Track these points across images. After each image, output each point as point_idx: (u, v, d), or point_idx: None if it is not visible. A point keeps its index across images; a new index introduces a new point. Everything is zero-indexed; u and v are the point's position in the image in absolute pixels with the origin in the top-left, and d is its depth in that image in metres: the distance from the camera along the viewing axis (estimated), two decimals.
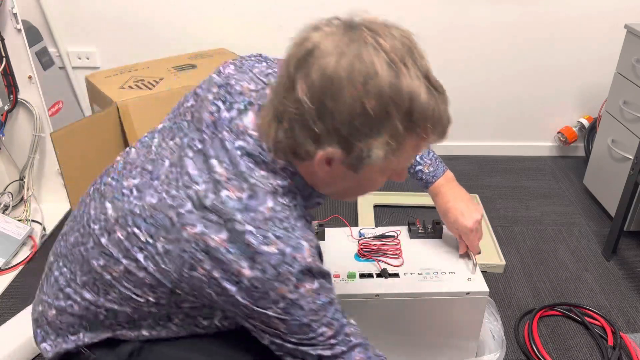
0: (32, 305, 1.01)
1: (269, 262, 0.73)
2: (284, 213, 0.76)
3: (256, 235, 0.73)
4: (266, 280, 0.73)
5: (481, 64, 2.38)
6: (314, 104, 0.70)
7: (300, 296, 0.75)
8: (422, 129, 0.73)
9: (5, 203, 1.98)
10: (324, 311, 0.78)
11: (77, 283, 0.88)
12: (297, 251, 0.74)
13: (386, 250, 1.15)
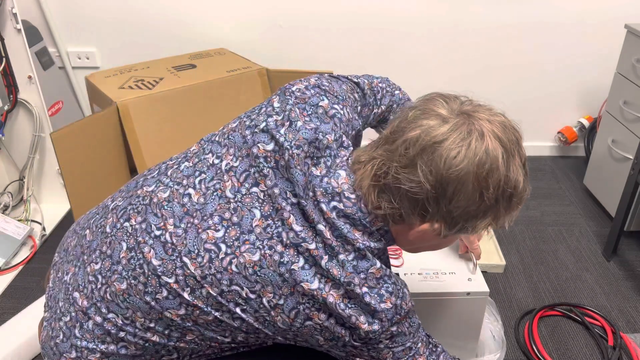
0: (47, 349, 0.90)
1: (387, 316, 0.79)
2: (389, 270, 0.81)
3: (372, 295, 0.78)
4: (382, 331, 0.79)
5: (481, 64, 2.38)
6: (435, 188, 0.74)
7: (403, 326, 0.82)
8: (514, 209, 0.80)
9: (5, 203, 1.98)
10: (418, 331, 0.85)
11: (138, 328, 0.84)
12: (404, 299, 0.81)
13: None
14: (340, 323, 0.78)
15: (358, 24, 2.28)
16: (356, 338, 0.79)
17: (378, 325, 0.78)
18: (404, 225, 0.79)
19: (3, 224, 1.83)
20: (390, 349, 0.82)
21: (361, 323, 0.78)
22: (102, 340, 0.85)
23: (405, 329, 0.82)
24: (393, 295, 0.79)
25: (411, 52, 2.35)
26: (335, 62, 2.33)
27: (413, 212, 0.77)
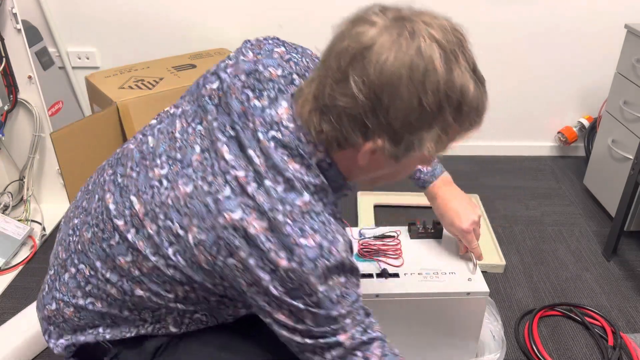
0: (37, 303, 0.98)
1: (307, 255, 0.73)
2: (319, 207, 0.77)
3: (295, 229, 0.73)
4: (302, 272, 0.73)
5: (481, 64, 2.36)
6: (369, 99, 0.69)
7: (331, 289, 0.75)
8: (468, 121, 0.76)
9: (5, 203, 1.98)
10: (350, 304, 0.78)
11: (100, 279, 0.86)
12: (334, 244, 0.75)
13: (386, 250, 1.15)
14: (260, 265, 0.74)
15: None
16: (276, 284, 0.74)
17: (297, 264, 0.72)
18: (350, 150, 0.75)
19: (3, 224, 1.83)
20: (311, 311, 0.76)
21: (280, 259, 0.73)
22: (73, 294, 0.89)
23: (332, 292, 0.75)
24: (318, 233, 0.74)
25: None
26: None
27: (354, 131, 0.72)
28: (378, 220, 2.03)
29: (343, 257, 0.75)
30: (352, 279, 0.79)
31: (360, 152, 0.74)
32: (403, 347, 1.12)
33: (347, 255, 0.77)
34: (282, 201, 0.74)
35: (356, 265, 0.80)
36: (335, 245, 0.75)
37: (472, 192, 2.23)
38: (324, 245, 0.74)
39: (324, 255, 0.74)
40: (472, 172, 2.44)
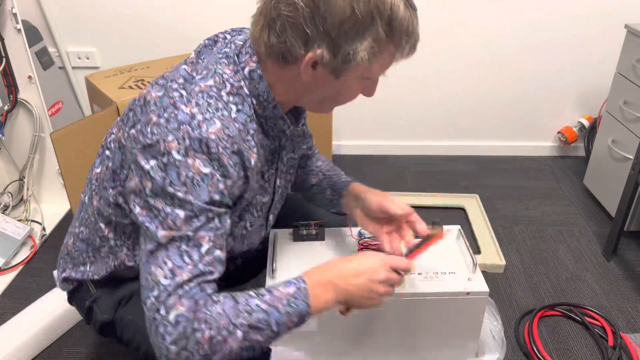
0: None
1: (177, 117, 0.77)
2: (218, 94, 0.82)
3: (181, 96, 0.80)
4: (165, 128, 0.77)
5: (481, 64, 2.38)
6: (308, 6, 0.76)
7: (186, 164, 0.76)
8: (399, 38, 0.81)
9: (5, 203, 1.98)
10: (194, 197, 0.77)
11: (84, 203, 0.98)
12: (207, 123, 0.78)
13: (386, 250, 1.15)
14: (139, 128, 0.80)
15: None
16: (139, 138, 0.79)
17: (164, 120, 0.77)
18: (295, 66, 0.81)
19: (3, 224, 1.83)
20: (154, 177, 0.77)
21: (153, 115, 0.79)
22: (74, 224, 1.03)
23: (184, 167, 0.76)
24: (198, 107, 0.78)
25: None
26: None
27: (296, 40, 0.78)
28: None
29: (209, 138, 0.77)
30: (216, 177, 0.79)
31: (303, 65, 0.80)
32: (402, 347, 1.12)
33: (218, 144, 0.77)
34: (186, 79, 0.83)
35: (233, 174, 0.80)
36: (209, 125, 0.77)
37: (472, 192, 2.23)
38: (197, 118, 0.77)
39: (192, 124, 0.77)
40: (472, 172, 2.45)
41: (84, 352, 1.47)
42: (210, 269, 0.80)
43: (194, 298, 0.77)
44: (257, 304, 0.81)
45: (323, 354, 1.11)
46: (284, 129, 0.91)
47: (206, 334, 0.76)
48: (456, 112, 2.50)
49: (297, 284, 0.85)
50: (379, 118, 2.52)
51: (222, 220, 0.82)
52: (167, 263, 0.77)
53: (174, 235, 0.78)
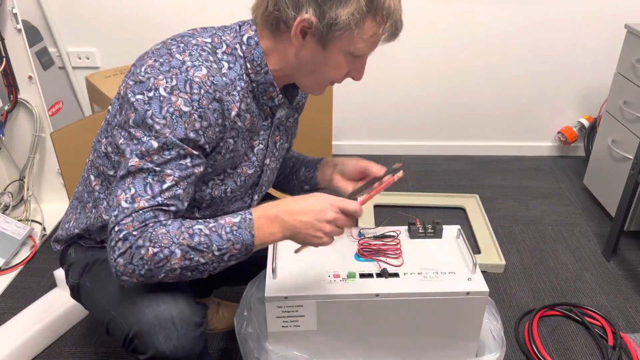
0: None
1: (170, 62, 0.87)
2: (212, 50, 0.91)
3: (178, 47, 0.89)
4: (157, 69, 0.87)
5: (481, 65, 2.38)
6: None
7: (167, 100, 0.85)
8: (380, 15, 0.89)
9: (5, 203, 1.98)
10: (170, 130, 0.85)
11: (86, 163, 1.07)
12: (195, 69, 0.87)
13: (386, 250, 1.15)
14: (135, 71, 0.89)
15: None
16: (132, 78, 0.88)
17: (158, 64, 0.87)
18: (287, 33, 0.90)
19: (3, 224, 1.83)
20: (137, 108, 0.85)
21: (149, 59, 0.88)
22: (77, 187, 1.12)
23: (167, 103, 0.85)
24: (190, 56, 0.88)
25: (412, 52, 2.35)
26: None
27: (289, 5, 0.87)
28: (378, 220, 2.03)
29: (194, 80, 0.86)
30: (193, 118, 0.86)
31: (293, 31, 0.88)
32: (402, 347, 1.12)
33: (201, 88, 0.86)
34: (186, 35, 0.93)
35: (210, 118, 0.88)
36: (197, 70, 0.87)
37: (472, 192, 2.23)
38: (187, 64, 0.87)
39: (181, 68, 0.86)
40: (472, 172, 2.45)
41: (84, 352, 1.47)
42: (168, 203, 0.87)
43: (145, 222, 0.85)
44: (200, 228, 0.87)
45: (323, 354, 1.11)
46: (273, 96, 0.98)
47: (149, 251, 0.84)
48: (456, 112, 2.50)
49: (243, 215, 0.90)
50: (379, 118, 2.52)
51: (193, 162, 0.89)
52: (130, 189, 0.86)
53: (142, 166, 0.86)
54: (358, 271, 1.09)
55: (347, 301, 1.04)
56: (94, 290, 1.03)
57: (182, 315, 0.92)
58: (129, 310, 0.94)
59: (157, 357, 0.91)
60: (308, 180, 1.21)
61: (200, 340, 0.96)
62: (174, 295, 0.94)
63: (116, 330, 0.96)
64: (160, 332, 0.91)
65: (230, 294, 1.64)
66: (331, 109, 2.04)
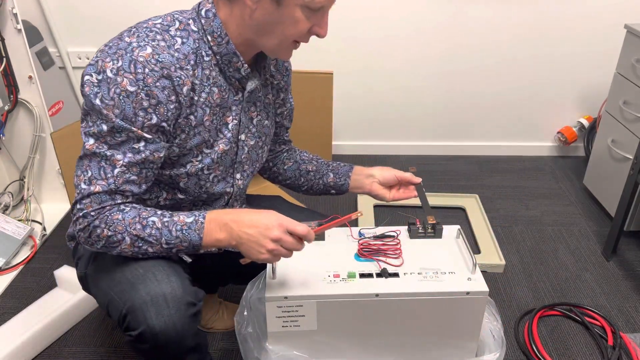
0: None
1: (118, 45, 0.90)
2: (162, 29, 0.93)
3: (129, 31, 0.92)
4: (105, 51, 0.90)
5: (481, 65, 2.38)
6: None
7: (114, 81, 0.88)
8: None
9: (5, 203, 1.98)
10: (119, 110, 0.88)
11: None
12: (140, 49, 0.89)
13: (386, 250, 1.15)
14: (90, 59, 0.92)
15: (358, 24, 2.28)
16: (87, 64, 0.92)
17: (106, 47, 0.90)
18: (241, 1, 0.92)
19: (3, 224, 1.84)
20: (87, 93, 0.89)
21: (102, 46, 0.92)
22: None
23: (114, 84, 0.88)
24: (137, 38, 0.90)
25: (411, 52, 2.35)
26: (335, 63, 2.33)
27: None
28: (378, 220, 2.03)
29: (137, 60, 0.88)
30: (140, 97, 0.88)
31: None
32: (402, 347, 1.13)
33: (146, 67, 0.88)
34: (142, 21, 0.95)
35: (159, 95, 0.90)
36: (141, 50, 0.89)
37: (472, 192, 2.23)
38: (133, 45, 0.89)
39: (127, 49, 0.89)
40: (472, 172, 2.45)
41: (84, 352, 1.47)
42: (123, 189, 0.93)
43: (103, 204, 0.92)
44: (153, 221, 0.94)
45: (323, 354, 1.11)
46: (239, 67, 0.99)
47: (104, 232, 0.92)
48: (456, 112, 2.50)
49: (196, 217, 0.96)
50: (379, 118, 2.52)
51: (148, 146, 0.92)
52: (87, 172, 0.92)
53: (95, 149, 0.91)
54: (358, 271, 1.09)
55: (347, 301, 1.04)
56: (97, 276, 1.06)
57: (174, 293, 0.94)
58: (126, 288, 0.96)
59: (148, 333, 0.92)
60: (338, 187, 1.28)
61: (192, 321, 0.97)
62: (169, 275, 0.96)
63: (113, 310, 0.98)
64: (151, 308, 0.92)
65: (230, 294, 1.64)
66: (331, 109, 2.03)
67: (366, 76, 2.41)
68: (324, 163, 1.30)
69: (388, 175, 1.27)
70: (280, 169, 1.31)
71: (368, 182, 1.26)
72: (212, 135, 1.02)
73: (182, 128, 0.97)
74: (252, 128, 1.10)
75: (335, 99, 2.06)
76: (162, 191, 1.06)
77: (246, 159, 1.12)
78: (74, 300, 1.53)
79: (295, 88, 1.22)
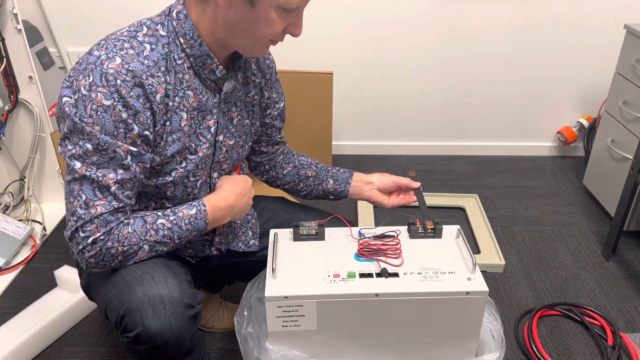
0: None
1: (87, 60, 0.89)
2: (130, 37, 0.92)
3: (98, 44, 0.91)
4: (77, 71, 0.89)
5: (481, 65, 2.38)
6: None
7: (89, 98, 0.87)
8: None
9: (5, 203, 1.98)
10: (100, 127, 0.87)
11: None
12: (108, 60, 0.88)
13: (386, 250, 1.15)
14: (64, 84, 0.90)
15: (358, 24, 2.28)
16: (64, 82, 0.90)
17: (78, 64, 0.90)
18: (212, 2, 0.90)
19: (4, 224, 1.84)
20: (69, 114, 0.87)
21: (75, 64, 0.91)
22: None
23: (89, 101, 0.86)
24: (105, 50, 0.89)
25: (411, 53, 2.35)
26: (335, 62, 2.33)
27: None
28: (378, 220, 2.03)
29: (108, 73, 0.87)
30: (118, 109, 0.88)
31: None
32: (402, 347, 1.13)
33: (117, 78, 0.87)
34: (111, 33, 0.95)
35: (135, 105, 0.89)
36: (110, 61, 0.88)
37: (472, 192, 2.23)
38: (101, 57, 0.88)
39: (96, 63, 0.88)
40: (472, 172, 2.45)
41: (84, 352, 1.47)
42: (122, 205, 0.93)
43: (108, 225, 0.91)
44: (162, 223, 0.97)
45: (323, 354, 1.11)
46: (213, 68, 0.98)
47: (119, 249, 0.93)
48: (456, 112, 2.51)
49: (198, 207, 1.01)
50: (379, 118, 2.52)
51: (134, 159, 0.92)
52: (81, 196, 0.90)
53: (85, 173, 0.89)
54: (358, 271, 1.09)
55: (347, 301, 1.04)
56: (97, 282, 1.06)
57: (171, 294, 0.94)
58: (123, 290, 0.96)
59: (144, 334, 0.92)
60: (338, 193, 1.28)
61: (190, 324, 0.97)
62: (166, 277, 0.96)
63: (111, 312, 0.98)
64: (148, 310, 0.92)
65: (230, 294, 1.64)
66: (331, 109, 2.04)
67: (366, 76, 2.41)
68: (323, 168, 1.29)
69: (386, 182, 1.27)
70: (279, 173, 1.30)
71: (367, 189, 1.27)
72: (193, 140, 1.01)
73: (160, 135, 0.96)
74: (232, 128, 1.09)
75: (335, 99, 2.07)
76: (150, 201, 1.06)
77: (224, 159, 1.11)
78: (74, 300, 1.54)
79: (295, 88, 1.23)
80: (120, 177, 0.91)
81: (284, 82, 1.26)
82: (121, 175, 0.91)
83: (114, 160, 0.90)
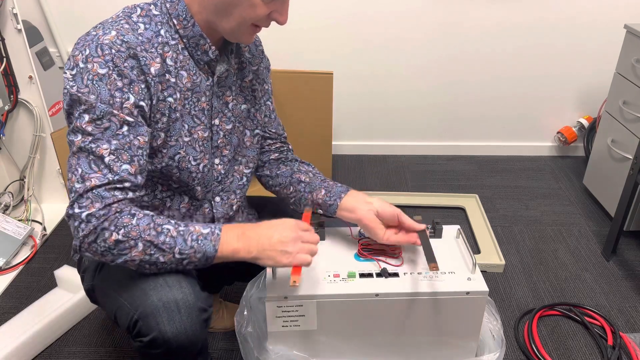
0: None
1: (85, 38, 0.91)
2: (125, 16, 0.96)
3: (96, 26, 0.94)
4: (75, 49, 0.91)
5: (481, 64, 2.38)
6: None
7: (86, 69, 0.88)
8: None
9: (5, 203, 1.98)
10: (96, 96, 0.88)
11: None
12: (104, 34, 0.91)
13: (386, 250, 1.15)
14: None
15: (358, 24, 2.28)
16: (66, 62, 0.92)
17: (77, 44, 0.91)
18: None
19: (4, 224, 1.84)
20: (65, 92, 0.89)
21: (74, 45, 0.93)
22: None
23: (86, 72, 0.88)
24: (102, 28, 0.92)
25: (410, 53, 2.35)
26: (335, 62, 2.33)
27: None
28: None
29: (103, 43, 0.89)
30: (113, 78, 0.89)
31: None
32: (402, 347, 1.13)
33: (112, 47, 0.89)
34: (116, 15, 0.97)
35: (129, 74, 0.90)
36: (105, 34, 0.90)
37: (472, 192, 2.23)
38: (98, 33, 0.91)
39: (93, 39, 0.90)
40: (472, 172, 2.45)
41: (84, 352, 1.47)
42: (120, 179, 0.89)
43: (105, 201, 0.87)
44: (168, 229, 0.91)
45: (323, 354, 1.11)
46: (206, 49, 0.99)
47: (113, 236, 0.87)
48: (456, 112, 2.51)
49: (213, 228, 0.94)
50: (379, 118, 2.52)
51: (131, 130, 0.90)
52: (78, 169, 0.88)
53: (81, 144, 0.88)
54: (358, 271, 1.09)
55: (347, 301, 1.04)
56: (104, 286, 1.05)
57: (186, 299, 0.93)
58: (136, 294, 0.95)
59: (159, 339, 0.92)
60: (326, 207, 1.13)
61: (203, 327, 0.97)
62: (180, 281, 0.95)
63: (122, 316, 0.97)
64: (163, 314, 0.92)
65: (230, 294, 1.64)
66: (331, 109, 2.04)
67: (366, 76, 2.41)
68: (319, 177, 1.19)
69: (388, 210, 1.09)
70: (273, 172, 1.24)
71: (363, 208, 1.09)
72: (187, 121, 1.01)
73: (161, 111, 0.96)
74: (228, 112, 1.08)
75: (335, 99, 2.07)
76: (156, 184, 1.05)
77: (223, 144, 1.10)
78: (74, 300, 1.54)
79: (295, 88, 1.22)
80: (115, 147, 0.89)
81: (284, 82, 1.25)
82: (115, 145, 0.89)
83: (109, 130, 0.89)
